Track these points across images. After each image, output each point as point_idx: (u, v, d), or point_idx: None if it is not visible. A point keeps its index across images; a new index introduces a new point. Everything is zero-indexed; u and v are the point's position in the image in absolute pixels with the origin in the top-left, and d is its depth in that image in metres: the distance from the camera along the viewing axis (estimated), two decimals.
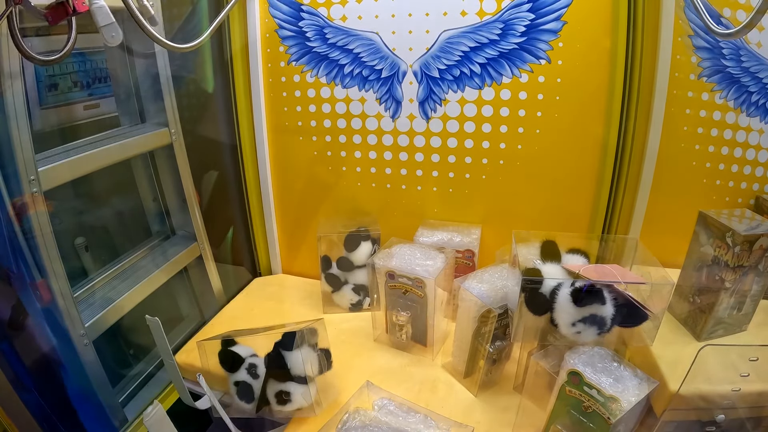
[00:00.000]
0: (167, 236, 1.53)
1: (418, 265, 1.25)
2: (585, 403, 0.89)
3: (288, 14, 1.41)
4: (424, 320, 1.28)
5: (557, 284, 0.96)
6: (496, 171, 1.42)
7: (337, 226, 1.50)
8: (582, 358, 0.93)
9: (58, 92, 1.14)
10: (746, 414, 0.93)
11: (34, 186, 0.96)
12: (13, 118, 0.90)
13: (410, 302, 1.27)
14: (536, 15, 1.24)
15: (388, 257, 1.29)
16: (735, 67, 1.23)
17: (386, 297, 1.31)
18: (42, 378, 1.08)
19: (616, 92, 1.26)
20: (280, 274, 1.78)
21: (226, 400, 1.18)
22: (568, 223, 1.43)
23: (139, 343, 1.45)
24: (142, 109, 1.35)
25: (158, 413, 1.02)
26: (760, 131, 1.28)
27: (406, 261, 1.27)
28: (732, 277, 1.00)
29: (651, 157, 1.28)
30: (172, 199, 1.49)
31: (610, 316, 0.93)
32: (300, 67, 1.46)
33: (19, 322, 1.02)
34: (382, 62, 1.39)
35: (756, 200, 1.34)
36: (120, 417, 1.24)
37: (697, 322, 1.08)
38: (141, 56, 1.29)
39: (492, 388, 1.22)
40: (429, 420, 1.00)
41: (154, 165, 1.43)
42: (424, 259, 1.27)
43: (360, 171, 1.53)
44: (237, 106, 1.54)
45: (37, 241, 0.99)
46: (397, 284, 1.26)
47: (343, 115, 1.47)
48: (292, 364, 1.09)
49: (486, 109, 1.35)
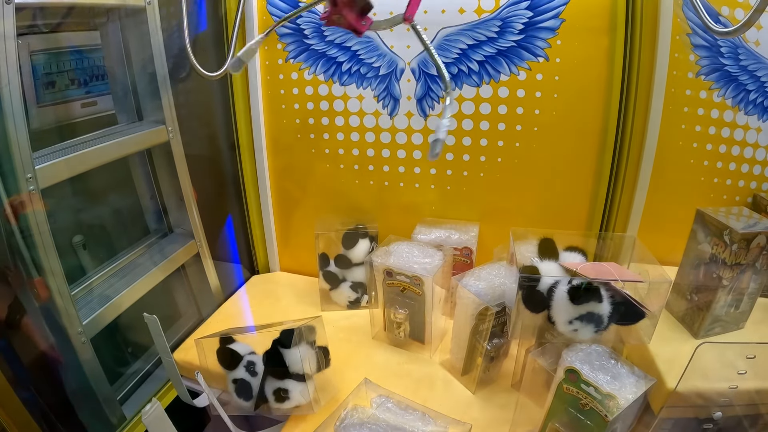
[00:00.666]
0: (165, 234, 1.53)
1: (416, 263, 1.25)
2: (582, 401, 0.90)
3: (286, 12, 1.40)
4: (422, 318, 1.28)
5: (554, 282, 0.96)
6: (494, 169, 1.42)
7: (335, 224, 1.50)
8: (579, 355, 0.93)
9: (55, 90, 1.13)
10: (743, 411, 0.94)
11: (32, 184, 0.95)
12: (10, 115, 0.90)
13: (408, 300, 1.27)
14: (534, 13, 1.24)
15: (386, 255, 1.29)
16: (733, 66, 1.23)
17: (384, 295, 1.31)
18: (40, 376, 1.08)
19: (614, 90, 1.26)
20: (277, 271, 1.78)
21: (224, 398, 1.18)
22: (566, 221, 1.43)
23: (137, 340, 1.44)
24: (139, 106, 1.34)
25: (156, 411, 1.03)
26: (757, 129, 1.28)
27: (404, 259, 1.27)
28: (729, 274, 1.00)
29: (649, 154, 1.28)
30: (170, 197, 1.48)
31: (607, 313, 0.94)
32: (298, 64, 1.45)
33: (17, 320, 1.02)
34: (380, 60, 1.38)
35: (753, 198, 1.34)
36: (118, 415, 1.24)
37: (695, 320, 1.08)
38: (138, 54, 1.29)
39: (490, 385, 1.23)
40: (427, 417, 1.00)
41: (152, 163, 1.43)
42: (422, 257, 1.28)
43: (358, 168, 1.53)
44: (234, 104, 1.54)
45: (35, 239, 0.99)
46: (395, 282, 1.26)
47: (340, 112, 1.47)
48: (290, 361, 1.09)
49: (484, 107, 1.35)
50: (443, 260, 1.26)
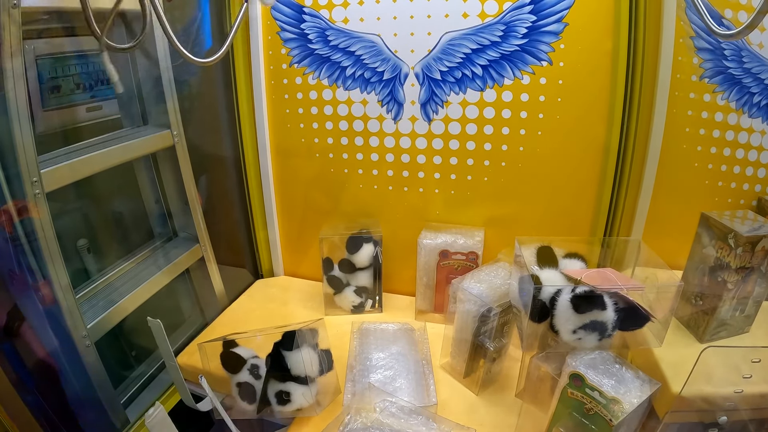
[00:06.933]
0: (169, 238, 1.54)
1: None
2: (587, 405, 0.89)
3: (290, 16, 1.41)
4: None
5: (556, 291, 0.96)
6: (498, 173, 1.42)
7: (339, 228, 1.51)
8: (584, 360, 0.93)
9: (60, 94, 1.14)
10: (749, 416, 0.93)
11: (37, 188, 0.96)
12: (15, 119, 0.90)
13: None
14: (538, 17, 1.24)
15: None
16: (737, 69, 1.23)
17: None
18: (44, 379, 1.08)
19: (618, 94, 1.26)
20: (282, 276, 1.78)
21: (228, 402, 1.18)
22: (570, 225, 1.42)
23: (141, 344, 1.45)
24: (144, 111, 1.35)
25: (160, 415, 1.03)
26: (762, 132, 1.28)
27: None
28: (734, 278, 1.00)
29: (653, 158, 1.28)
30: (174, 201, 1.49)
31: (611, 321, 0.93)
32: (302, 69, 1.46)
33: (21, 323, 1.02)
34: (384, 64, 1.39)
35: (758, 201, 1.33)
36: (122, 418, 1.24)
37: (700, 324, 1.08)
38: (143, 58, 1.30)
39: (492, 386, 1.23)
40: (431, 422, 1.00)
41: (156, 167, 1.44)
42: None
43: (362, 173, 1.53)
44: (239, 108, 1.55)
45: (40, 243, 0.99)
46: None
47: (344, 117, 1.47)
48: (292, 364, 1.09)
49: (488, 111, 1.35)
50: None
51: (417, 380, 1.21)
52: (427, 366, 1.27)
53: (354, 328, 1.42)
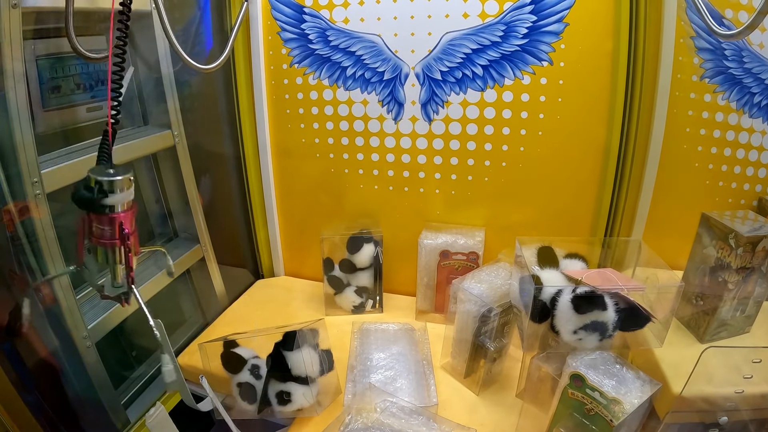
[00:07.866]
0: (170, 238, 1.54)
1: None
2: (587, 406, 0.89)
3: (290, 16, 1.41)
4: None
5: (557, 291, 0.96)
6: (498, 173, 1.42)
7: (340, 228, 1.51)
8: (584, 360, 0.93)
9: (60, 94, 1.14)
10: (749, 416, 0.93)
11: (37, 188, 0.96)
12: (16, 120, 0.90)
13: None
14: (538, 17, 1.24)
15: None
16: (737, 69, 1.23)
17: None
18: (44, 380, 1.08)
19: (619, 94, 1.26)
20: (282, 276, 1.78)
21: (229, 402, 1.18)
22: (571, 225, 1.42)
23: (142, 344, 1.45)
24: (144, 111, 1.35)
25: (161, 415, 1.03)
26: (762, 132, 1.28)
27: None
28: (735, 278, 1.00)
29: (653, 158, 1.28)
30: (175, 202, 1.49)
31: (611, 321, 0.93)
32: (302, 69, 1.46)
33: (21, 324, 1.02)
34: (384, 64, 1.39)
35: (759, 201, 1.33)
36: (122, 419, 1.24)
37: (700, 324, 1.08)
38: (144, 58, 1.29)
39: (492, 386, 1.23)
40: (431, 423, 1.00)
41: (157, 167, 1.43)
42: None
43: (362, 173, 1.53)
44: (239, 108, 1.55)
45: (40, 243, 0.99)
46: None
47: (345, 117, 1.47)
48: (292, 364, 1.09)
49: (488, 111, 1.35)
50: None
51: (417, 380, 1.21)
52: (427, 366, 1.27)
53: (354, 328, 1.42)
